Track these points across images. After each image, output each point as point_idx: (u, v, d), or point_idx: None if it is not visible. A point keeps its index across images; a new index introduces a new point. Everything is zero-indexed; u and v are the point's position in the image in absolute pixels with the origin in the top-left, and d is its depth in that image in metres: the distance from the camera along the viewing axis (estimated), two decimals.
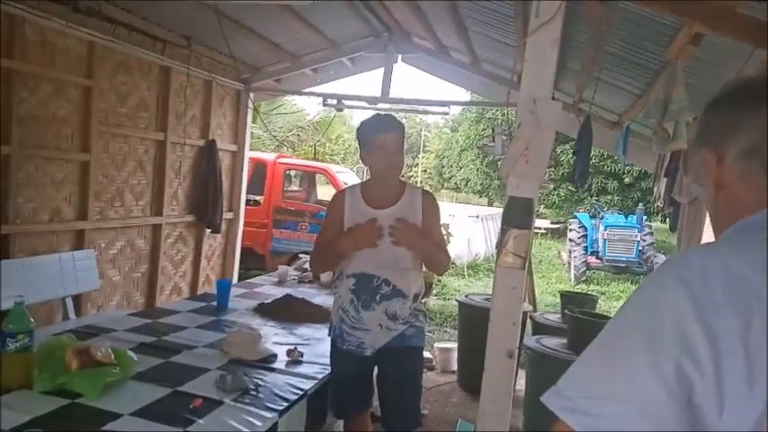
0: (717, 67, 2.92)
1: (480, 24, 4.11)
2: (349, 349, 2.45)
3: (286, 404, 2.15)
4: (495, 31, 4.10)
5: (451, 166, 23.38)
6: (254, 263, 7.18)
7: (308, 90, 6.16)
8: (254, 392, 2.19)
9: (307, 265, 4.71)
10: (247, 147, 5.95)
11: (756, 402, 0.60)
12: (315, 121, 13.27)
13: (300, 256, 5.19)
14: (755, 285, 0.63)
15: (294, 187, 8.81)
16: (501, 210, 2.39)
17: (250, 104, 5.82)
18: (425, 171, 27.00)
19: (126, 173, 4.51)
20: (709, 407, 0.62)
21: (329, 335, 2.57)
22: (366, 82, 6.48)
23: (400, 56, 5.78)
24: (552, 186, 15.70)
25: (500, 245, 2.28)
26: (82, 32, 3.82)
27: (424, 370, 4.51)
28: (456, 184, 22.84)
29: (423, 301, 2.59)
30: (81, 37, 3.86)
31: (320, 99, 5.82)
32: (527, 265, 2.29)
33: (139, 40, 4.36)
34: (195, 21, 4.43)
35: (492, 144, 3.25)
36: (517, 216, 2.26)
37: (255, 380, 2.31)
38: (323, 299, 3.89)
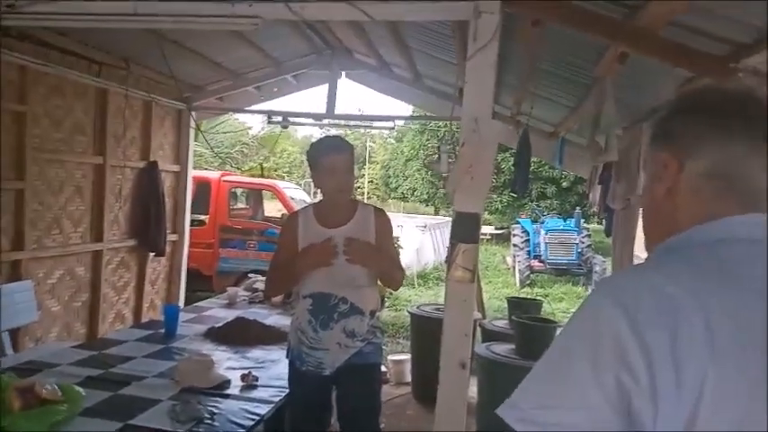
0: (643, 82, 3.12)
1: (420, 43, 4.22)
2: (308, 370, 2.44)
3: (242, 431, 2.13)
4: (436, 50, 4.22)
5: (397, 176, 23.61)
6: (201, 285, 7.01)
7: (252, 107, 6.12)
8: (209, 421, 2.16)
9: (257, 285, 4.66)
10: (190, 166, 5.85)
11: (684, 405, 0.67)
12: (259, 136, 13.15)
13: (250, 275, 5.12)
14: (681, 303, 0.70)
15: (240, 205, 8.68)
16: (447, 219, 2.46)
17: (192, 123, 5.72)
18: (372, 182, 27.14)
19: (63, 199, 4.34)
20: (645, 414, 0.68)
21: (287, 356, 2.57)
22: (311, 98, 6.50)
23: (344, 72, 5.85)
24: (495, 195, 16.12)
25: (449, 259, 2.35)
26: (12, 57, 3.67)
27: None
28: (403, 193, 23.09)
29: (377, 315, 2.62)
30: (12, 61, 3.70)
31: (264, 116, 5.79)
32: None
33: (74, 63, 4.23)
34: (133, 42, 4.34)
35: (438, 161, 3.34)
36: (465, 231, 2.34)
37: (210, 408, 2.28)
38: (275, 319, 3.86)
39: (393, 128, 5.31)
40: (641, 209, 0.95)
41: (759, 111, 0.78)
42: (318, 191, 2.62)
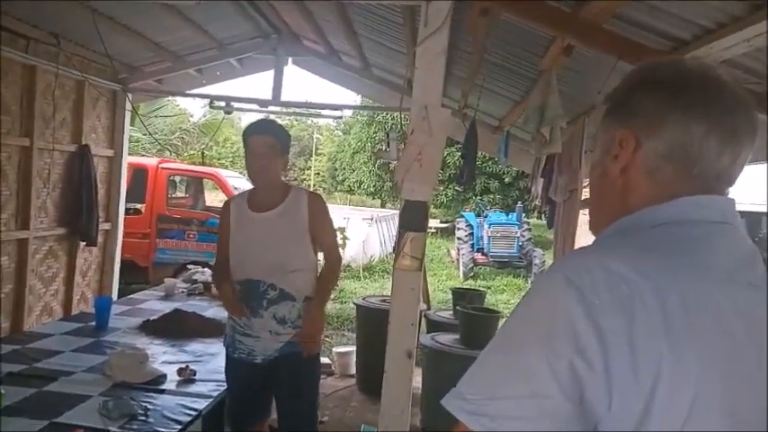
0: (586, 76, 3.18)
1: (370, 30, 4.16)
2: (240, 357, 2.38)
3: (179, 427, 2.03)
4: (385, 38, 4.17)
5: (344, 168, 23.47)
6: (137, 276, 6.71)
7: (193, 91, 5.89)
8: (143, 417, 2.05)
9: (196, 277, 4.50)
10: (125, 152, 5.56)
11: (641, 392, 0.65)
12: (200, 123, 12.69)
13: (189, 267, 4.93)
14: (636, 286, 0.67)
15: (180, 194, 8.36)
16: (394, 211, 2.43)
17: (128, 106, 5.44)
18: (318, 174, 26.86)
19: None
20: (599, 401, 0.65)
21: (224, 344, 2.47)
22: (256, 84, 6.29)
23: (291, 58, 5.71)
24: (441, 188, 16.28)
25: (397, 248, 2.32)
26: None
27: (323, 376, 4.48)
28: (349, 186, 22.97)
29: None
30: None
31: (205, 101, 5.58)
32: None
33: None
34: (64, 17, 4.06)
35: (387, 149, 3.29)
36: (413, 219, 2.31)
37: (144, 404, 2.16)
38: (215, 311, 3.73)
39: (341, 117, 5.23)
40: (589, 187, 0.90)
41: (718, 89, 0.75)
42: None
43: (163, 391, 2.33)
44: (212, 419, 2.30)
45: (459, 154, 4.75)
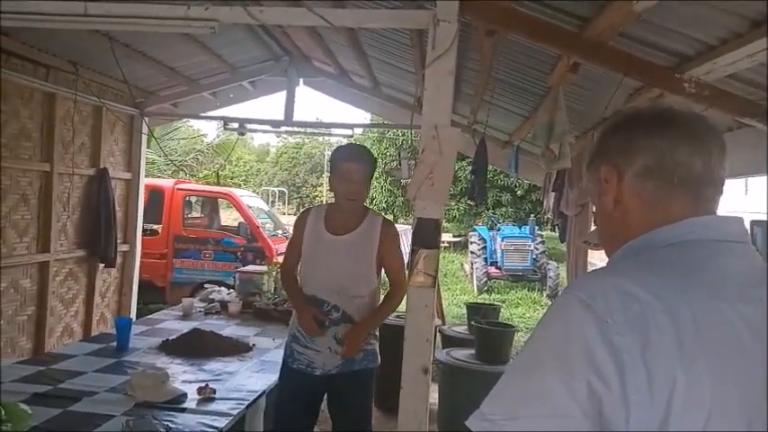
0: (593, 92, 3.23)
1: (379, 51, 4.24)
2: (299, 368, 2.47)
3: None
4: (394, 58, 4.25)
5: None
6: (154, 297, 6.80)
7: (207, 114, 6.02)
8: None
9: (213, 296, 4.56)
10: (142, 174, 5.69)
11: (657, 408, 0.68)
12: (214, 144, 12.89)
13: (206, 286, 5.00)
14: (648, 306, 0.71)
15: (195, 214, 8.47)
16: (406, 226, 2.49)
17: (144, 129, 5.57)
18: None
19: (7, 208, 4.14)
20: (617, 417, 0.68)
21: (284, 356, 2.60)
22: (268, 105, 6.39)
23: (302, 79, 5.83)
24: (453, 203, 16.28)
25: (411, 265, 2.36)
26: None
27: None
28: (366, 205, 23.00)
29: None
30: None
31: (219, 123, 5.70)
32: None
33: (19, 66, 4.06)
34: (83, 45, 4.20)
35: (399, 168, 3.36)
36: (425, 237, 2.35)
37: (165, 422, 2.20)
38: (232, 330, 3.78)
39: (351, 135, 5.31)
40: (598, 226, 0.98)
41: (674, 113, 0.86)
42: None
43: (184, 410, 2.37)
44: None
45: (470, 169, 4.79)
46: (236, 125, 5.52)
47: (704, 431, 0.68)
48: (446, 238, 18.25)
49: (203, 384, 2.60)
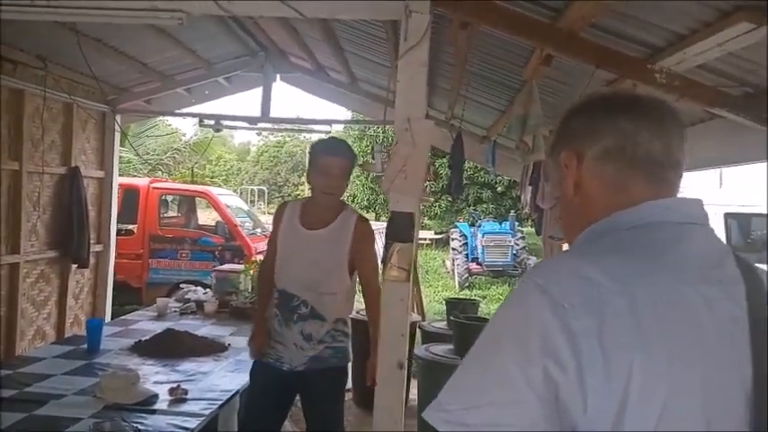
0: (569, 86, 3.22)
1: (355, 46, 4.20)
2: (268, 362, 2.45)
3: None
4: (370, 53, 4.22)
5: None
6: (130, 298, 6.67)
7: (182, 111, 5.92)
8: None
9: (189, 296, 4.49)
10: (116, 172, 5.57)
11: (614, 394, 0.66)
12: (192, 142, 12.69)
13: (182, 286, 4.92)
14: (606, 289, 0.69)
15: (172, 213, 8.35)
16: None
17: (117, 127, 5.45)
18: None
19: None
20: (574, 403, 0.67)
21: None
22: (245, 101, 6.30)
23: (279, 75, 5.75)
24: (433, 199, 16.30)
25: (385, 259, 2.33)
26: None
27: None
28: (343, 200, 22.95)
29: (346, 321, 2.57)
30: None
31: (196, 120, 5.61)
32: (413, 276, 2.36)
33: None
34: (51, 40, 4.09)
35: (372, 161, 3.34)
36: (399, 230, 2.32)
37: (135, 424, 2.15)
38: (208, 330, 3.73)
39: (329, 131, 5.25)
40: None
41: (635, 97, 0.87)
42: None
43: (154, 412, 2.32)
44: None
45: (448, 165, 4.79)
46: (211, 122, 5.43)
47: (661, 415, 0.66)
48: (428, 235, 18.27)
49: (175, 385, 2.55)
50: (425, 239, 17.74)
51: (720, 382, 0.70)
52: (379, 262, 2.50)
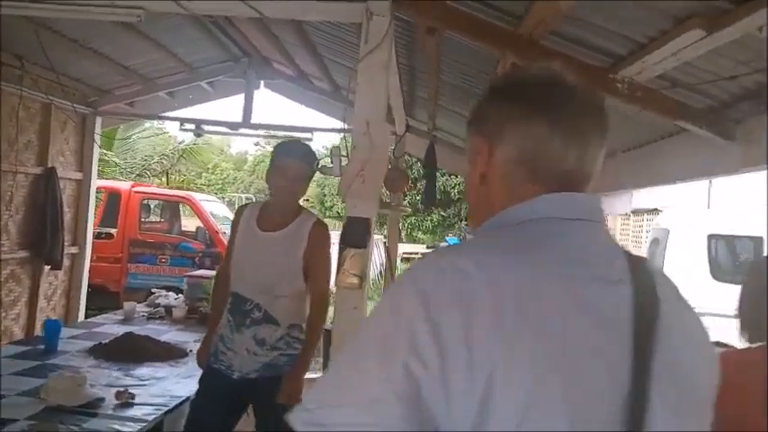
0: None
1: (333, 53, 4.19)
2: (220, 368, 2.36)
3: None
4: (348, 60, 4.19)
5: (333, 194, 23.42)
6: (108, 302, 6.56)
7: (165, 114, 5.89)
8: None
9: (159, 301, 4.41)
10: (94, 174, 5.52)
11: (475, 393, 0.62)
12: (186, 148, 12.61)
13: (153, 290, 4.85)
14: (475, 282, 0.65)
15: (154, 218, 8.29)
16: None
17: (97, 129, 5.42)
18: (308, 200, 26.85)
19: None
20: (437, 403, 0.62)
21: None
22: (229, 107, 6.23)
23: (263, 82, 5.74)
24: (410, 210, 16.28)
25: (338, 265, 2.28)
26: None
27: None
28: (338, 212, 22.90)
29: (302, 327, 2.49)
30: None
31: (184, 124, 5.58)
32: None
33: None
34: (29, 40, 4.06)
35: (330, 165, 3.29)
36: (354, 236, 2.28)
37: (72, 427, 2.08)
38: (173, 335, 3.66)
39: (311, 139, 5.21)
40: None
41: (560, 92, 0.76)
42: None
43: (96, 415, 2.25)
44: None
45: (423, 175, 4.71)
46: (192, 126, 5.40)
47: (524, 416, 0.62)
48: (420, 249, 18.23)
49: (123, 389, 2.48)
50: (417, 253, 17.68)
51: (591, 385, 0.65)
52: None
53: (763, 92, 1.93)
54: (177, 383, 2.73)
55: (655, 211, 10.24)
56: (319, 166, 2.64)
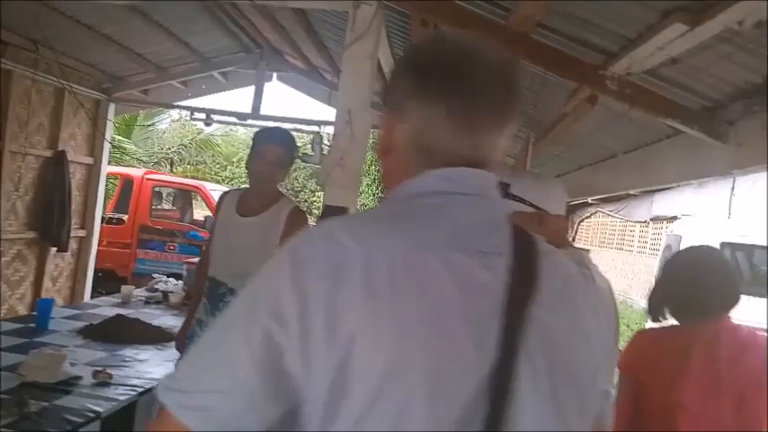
0: (533, 92, 3.13)
1: (336, 43, 4.17)
2: None
3: (69, 428, 1.96)
4: None
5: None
6: (116, 286, 6.67)
7: (177, 103, 5.95)
8: (35, 417, 1.98)
9: (158, 286, 4.45)
10: (105, 160, 5.60)
11: (334, 359, 0.61)
12: (205, 138, 12.68)
13: (154, 276, 4.90)
14: (348, 252, 0.65)
15: (167, 206, 8.38)
16: None
17: (110, 115, 5.49)
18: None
19: None
20: (295, 365, 0.62)
21: None
22: (242, 98, 6.26)
23: (275, 74, 5.76)
24: None
25: None
26: None
27: None
28: (281, 190, 22.76)
29: None
30: None
31: (195, 113, 5.64)
32: None
33: None
34: (45, 25, 4.13)
35: (311, 153, 3.25)
36: None
37: (43, 404, 2.09)
38: (166, 319, 3.67)
39: (319, 132, 5.20)
40: None
41: (468, 71, 0.72)
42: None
43: (70, 392, 2.26)
44: (116, 423, 2.22)
45: None
46: (202, 115, 5.45)
47: (381, 388, 0.61)
48: None
49: (101, 368, 2.50)
50: None
51: (456, 356, 0.63)
52: None
53: (756, 93, 1.85)
54: (159, 366, 2.74)
55: (674, 218, 10.03)
56: (300, 154, 2.62)
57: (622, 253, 13.22)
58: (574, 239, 18.62)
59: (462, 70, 0.72)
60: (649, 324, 1.71)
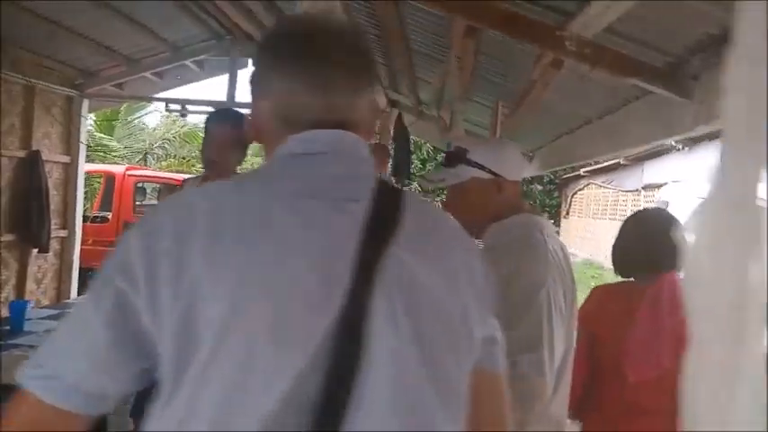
0: (502, 62, 3.05)
1: None
2: None
3: None
4: None
5: None
6: None
7: (150, 96, 5.86)
8: None
9: None
10: (82, 158, 5.52)
11: (178, 308, 0.63)
12: (182, 132, 12.46)
13: None
14: (198, 209, 0.69)
15: (152, 201, 8.32)
16: None
17: (83, 112, 5.41)
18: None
19: None
20: (148, 325, 0.65)
21: None
22: (218, 87, 6.16)
23: (250, 60, 5.65)
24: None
25: None
26: None
27: None
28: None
29: None
30: None
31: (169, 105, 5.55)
32: None
33: None
34: (9, 22, 4.03)
35: None
36: None
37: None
38: None
39: None
40: None
41: (316, 42, 0.76)
42: None
43: None
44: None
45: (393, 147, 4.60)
46: (177, 107, 5.36)
47: (221, 335, 0.62)
48: None
49: None
50: None
51: (304, 298, 0.65)
52: None
53: (713, 45, 1.79)
54: None
55: (665, 185, 10.00)
56: None
57: (615, 222, 13.20)
58: (568, 212, 18.60)
59: (310, 40, 0.77)
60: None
